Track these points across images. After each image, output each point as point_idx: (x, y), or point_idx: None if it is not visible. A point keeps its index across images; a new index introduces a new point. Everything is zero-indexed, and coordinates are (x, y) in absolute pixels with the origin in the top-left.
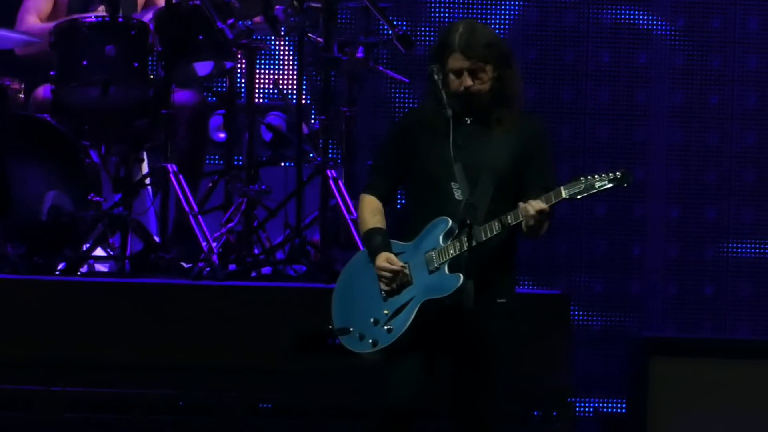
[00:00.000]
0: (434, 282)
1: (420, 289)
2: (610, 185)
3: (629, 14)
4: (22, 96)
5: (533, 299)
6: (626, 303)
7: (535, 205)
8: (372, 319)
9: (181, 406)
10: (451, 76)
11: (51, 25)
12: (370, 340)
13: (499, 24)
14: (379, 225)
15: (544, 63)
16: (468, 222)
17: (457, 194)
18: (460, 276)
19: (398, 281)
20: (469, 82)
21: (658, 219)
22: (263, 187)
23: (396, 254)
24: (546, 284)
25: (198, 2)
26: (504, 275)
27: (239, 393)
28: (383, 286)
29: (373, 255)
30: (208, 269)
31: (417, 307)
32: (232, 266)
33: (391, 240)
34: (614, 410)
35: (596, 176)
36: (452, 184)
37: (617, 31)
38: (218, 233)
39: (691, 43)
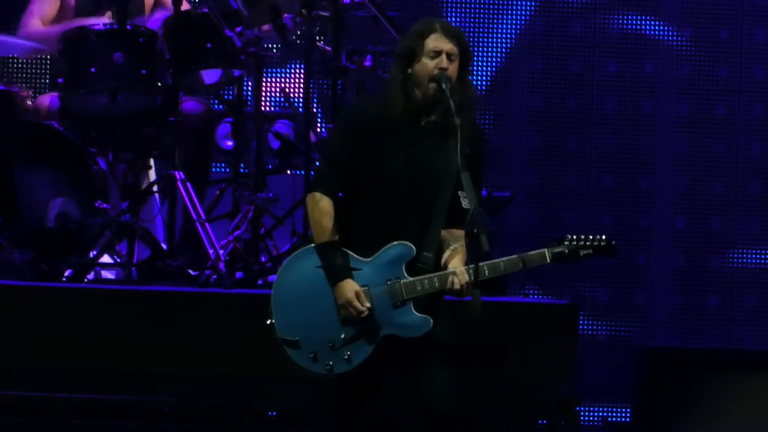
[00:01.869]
0: (401, 320)
1: (383, 321)
2: (595, 254)
3: (636, 24)
4: (30, 103)
5: (541, 309)
6: (631, 313)
7: (461, 279)
8: (329, 342)
9: (187, 414)
10: (425, 60)
11: (54, 28)
12: (327, 366)
13: (506, 33)
14: (336, 237)
15: (550, 72)
16: (476, 231)
17: (464, 203)
18: (429, 320)
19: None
20: (445, 63)
21: (664, 229)
22: (270, 195)
23: (352, 270)
24: (551, 294)
25: (207, 10)
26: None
27: (246, 400)
28: (344, 314)
29: (332, 275)
30: (215, 277)
31: (378, 341)
32: (239, 274)
33: (344, 250)
34: (619, 419)
35: (580, 243)
36: (459, 192)
37: (624, 41)
38: (225, 241)
39: (698, 53)
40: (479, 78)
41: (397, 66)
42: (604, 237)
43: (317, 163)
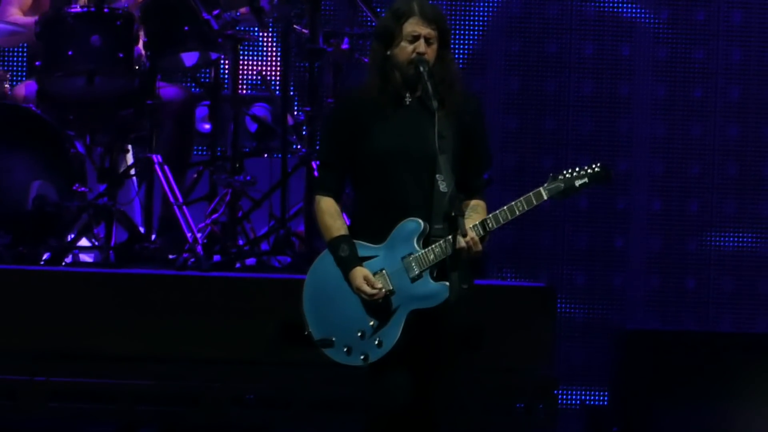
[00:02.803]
0: (420, 291)
1: (404, 298)
2: (590, 182)
3: (613, 6)
4: (7, 86)
5: (518, 291)
6: (609, 295)
7: (471, 235)
8: (358, 332)
9: (166, 396)
10: (403, 44)
11: (33, 18)
12: (361, 356)
13: (483, 15)
14: (342, 231)
15: (527, 55)
16: (454, 215)
17: (442, 186)
18: (446, 285)
19: (379, 299)
20: (423, 48)
21: (641, 211)
22: (248, 178)
23: (367, 258)
24: (528, 276)
25: None
26: (466, 262)
27: (223, 383)
28: (365, 299)
29: (343, 267)
30: (192, 260)
31: (405, 318)
32: (216, 257)
33: (357, 241)
34: (597, 402)
35: (574, 173)
36: (437, 176)
37: (601, 23)
38: (203, 224)
39: (675, 35)
40: (456, 60)
41: (376, 48)
42: (598, 163)
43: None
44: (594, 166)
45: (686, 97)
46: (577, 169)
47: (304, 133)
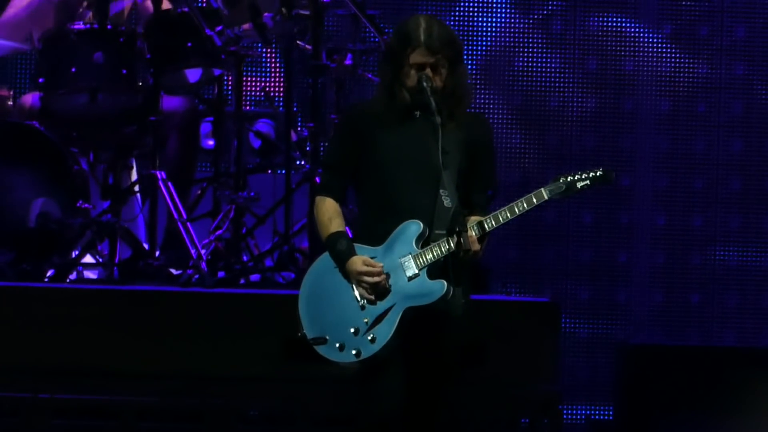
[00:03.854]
0: (416, 289)
1: (400, 296)
2: (592, 184)
3: (616, 22)
4: (10, 103)
5: (523, 306)
6: (613, 310)
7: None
8: (352, 329)
9: (170, 413)
10: (411, 71)
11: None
12: (353, 351)
13: (486, 32)
14: (341, 228)
15: (530, 71)
16: (458, 230)
17: (446, 202)
18: (443, 283)
19: (381, 286)
20: (430, 75)
21: (645, 226)
22: (252, 194)
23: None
24: (533, 291)
25: (186, 9)
26: (467, 278)
27: (227, 400)
28: (362, 293)
29: (339, 260)
30: (196, 276)
31: (399, 315)
32: (220, 273)
33: (357, 244)
34: (602, 417)
35: (576, 176)
36: (441, 191)
37: (604, 39)
38: (207, 240)
39: (678, 50)
40: None
41: (385, 67)
42: (600, 168)
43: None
44: (596, 169)
45: (690, 112)
46: (579, 171)
47: (307, 149)
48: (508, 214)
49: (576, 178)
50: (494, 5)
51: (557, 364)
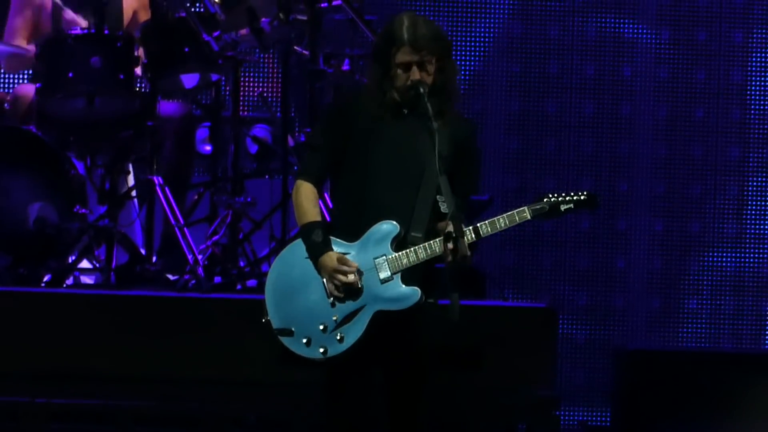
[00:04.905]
0: (388, 293)
1: (372, 297)
2: (576, 208)
3: (614, 26)
4: (7, 106)
5: (520, 312)
6: (610, 316)
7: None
8: (321, 325)
9: (167, 418)
10: (398, 71)
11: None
12: (320, 349)
13: (483, 36)
14: (318, 218)
15: (528, 76)
16: (455, 236)
17: (443, 207)
18: (418, 290)
19: (353, 287)
20: (417, 75)
21: (642, 232)
22: (249, 199)
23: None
24: (530, 297)
25: (184, 14)
26: (433, 278)
27: (224, 405)
28: (332, 290)
29: (313, 252)
30: (193, 281)
31: (370, 317)
32: (217, 278)
33: (332, 237)
34: (599, 423)
35: (561, 197)
36: (438, 197)
37: (602, 44)
38: (204, 245)
39: (676, 56)
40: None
41: (374, 67)
42: (585, 191)
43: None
44: (581, 193)
45: (687, 118)
46: (563, 193)
47: (304, 154)
48: (489, 229)
49: (560, 200)
50: (492, 10)
51: (554, 370)
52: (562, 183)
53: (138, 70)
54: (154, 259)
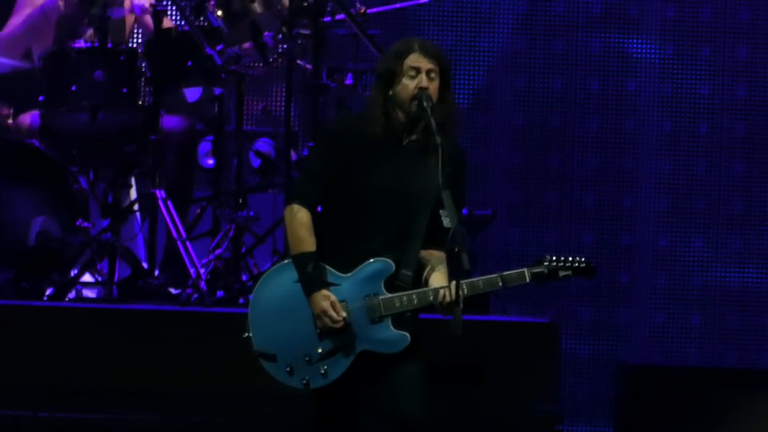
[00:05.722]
0: (377, 335)
1: (360, 336)
2: (574, 275)
3: (618, 42)
4: (11, 121)
5: (522, 327)
6: (613, 331)
7: (447, 297)
8: (305, 356)
9: None
10: (405, 81)
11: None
12: (303, 380)
13: (488, 51)
14: (313, 248)
15: (532, 91)
16: (457, 250)
17: (446, 222)
18: (407, 337)
19: (337, 331)
20: (425, 82)
21: (646, 247)
22: (251, 213)
23: (330, 284)
24: (534, 312)
25: (187, 28)
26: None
27: (227, 419)
28: (320, 326)
29: (308, 286)
30: (196, 295)
31: (355, 355)
32: (220, 293)
33: (323, 264)
34: None
35: (560, 263)
36: (441, 211)
37: (606, 59)
38: (206, 259)
39: (680, 71)
40: (461, 95)
41: (378, 87)
42: (583, 258)
43: (296, 176)
44: (579, 260)
45: (691, 133)
46: (562, 258)
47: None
48: (482, 285)
49: (559, 266)
50: (496, 25)
51: (557, 385)
52: (566, 198)
53: (141, 84)
54: (156, 273)
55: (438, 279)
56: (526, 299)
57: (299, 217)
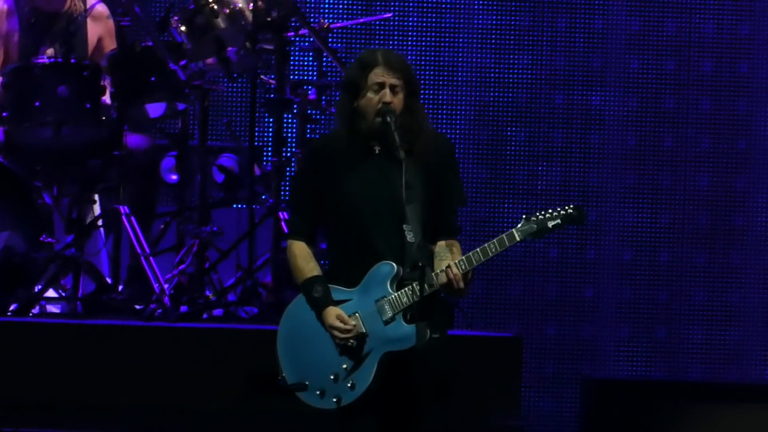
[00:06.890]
0: (393, 334)
1: (377, 340)
2: (563, 223)
3: (583, 57)
4: None
5: (486, 341)
6: (579, 345)
7: (454, 270)
8: (332, 375)
9: None
10: (369, 94)
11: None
12: (334, 399)
13: (452, 66)
14: (315, 272)
15: (498, 106)
16: (421, 264)
17: (409, 236)
18: (419, 327)
19: (352, 338)
20: (388, 97)
21: (611, 262)
22: (215, 228)
23: (341, 301)
24: (499, 327)
25: (150, 44)
26: (439, 312)
27: None
28: (338, 341)
29: (316, 307)
30: (160, 311)
31: (378, 360)
32: (183, 308)
33: (332, 285)
34: None
35: (547, 214)
36: (404, 226)
37: (570, 74)
38: (170, 275)
39: (645, 85)
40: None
41: (343, 99)
42: (571, 204)
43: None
44: (567, 207)
45: (656, 147)
46: (550, 210)
47: (271, 183)
48: (481, 256)
49: (547, 217)
50: (460, 40)
51: (519, 399)
52: (532, 211)
53: (105, 99)
54: (120, 288)
55: (442, 266)
56: (491, 314)
57: (293, 250)
